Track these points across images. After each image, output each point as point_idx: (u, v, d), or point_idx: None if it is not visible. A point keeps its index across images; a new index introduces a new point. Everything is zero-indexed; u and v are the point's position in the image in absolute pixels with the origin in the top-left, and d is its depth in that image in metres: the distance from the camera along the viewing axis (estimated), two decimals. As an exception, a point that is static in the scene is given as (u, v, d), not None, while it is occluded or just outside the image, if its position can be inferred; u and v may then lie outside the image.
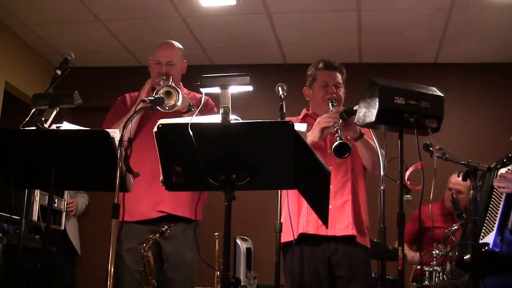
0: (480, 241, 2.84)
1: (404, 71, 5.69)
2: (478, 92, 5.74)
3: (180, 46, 3.29)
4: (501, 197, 2.92)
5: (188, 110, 2.93)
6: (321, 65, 3.16)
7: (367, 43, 5.49)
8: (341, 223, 2.95)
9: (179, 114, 2.92)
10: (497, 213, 2.90)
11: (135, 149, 3.03)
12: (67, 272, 4.84)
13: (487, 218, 2.94)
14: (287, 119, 2.75)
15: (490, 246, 2.82)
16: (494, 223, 2.88)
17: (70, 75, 2.79)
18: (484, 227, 2.93)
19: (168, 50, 3.22)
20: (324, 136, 2.93)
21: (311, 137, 2.86)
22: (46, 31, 5.49)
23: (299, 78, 3.43)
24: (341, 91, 3.14)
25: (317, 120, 2.92)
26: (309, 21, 5.12)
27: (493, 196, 2.98)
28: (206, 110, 3.09)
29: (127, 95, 3.31)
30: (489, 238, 2.86)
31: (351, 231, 2.93)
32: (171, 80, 3.05)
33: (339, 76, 3.15)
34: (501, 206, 2.91)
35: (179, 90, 2.89)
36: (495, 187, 2.96)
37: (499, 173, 2.97)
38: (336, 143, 2.76)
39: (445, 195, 4.54)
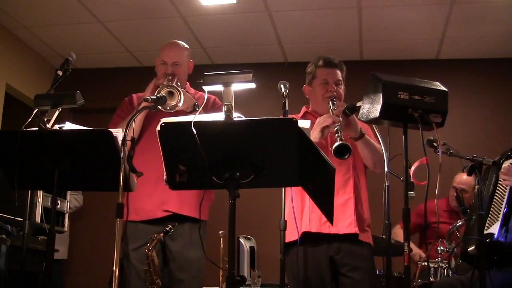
0: (485, 232, 2.85)
1: (406, 68, 5.68)
2: (479, 88, 5.74)
3: (186, 46, 3.26)
4: (506, 189, 2.96)
5: (193, 110, 2.91)
6: (320, 62, 3.11)
7: (368, 40, 5.48)
8: (344, 221, 2.92)
9: (184, 114, 2.90)
10: (501, 205, 2.93)
11: (140, 149, 3.03)
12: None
13: (491, 209, 2.97)
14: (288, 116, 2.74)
15: (495, 236, 2.83)
16: (499, 214, 2.91)
17: (70, 77, 2.79)
18: (489, 218, 2.96)
19: (173, 51, 3.19)
20: (324, 135, 2.90)
21: (312, 138, 2.83)
22: (46, 33, 5.49)
23: (300, 76, 3.42)
24: (341, 89, 3.10)
25: (317, 121, 2.90)
26: (310, 19, 5.11)
27: (497, 188, 3.02)
28: (214, 109, 3.07)
29: (134, 95, 3.27)
30: (494, 229, 2.89)
31: (354, 229, 2.91)
32: (175, 80, 3.03)
33: (339, 73, 3.10)
34: (505, 198, 2.94)
35: (181, 90, 2.88)
36: (500, 179, 2.97)
37: (503, 166, 2.98)
38: (336, 144, 2.73)
39: (450, 194, 4.54)
